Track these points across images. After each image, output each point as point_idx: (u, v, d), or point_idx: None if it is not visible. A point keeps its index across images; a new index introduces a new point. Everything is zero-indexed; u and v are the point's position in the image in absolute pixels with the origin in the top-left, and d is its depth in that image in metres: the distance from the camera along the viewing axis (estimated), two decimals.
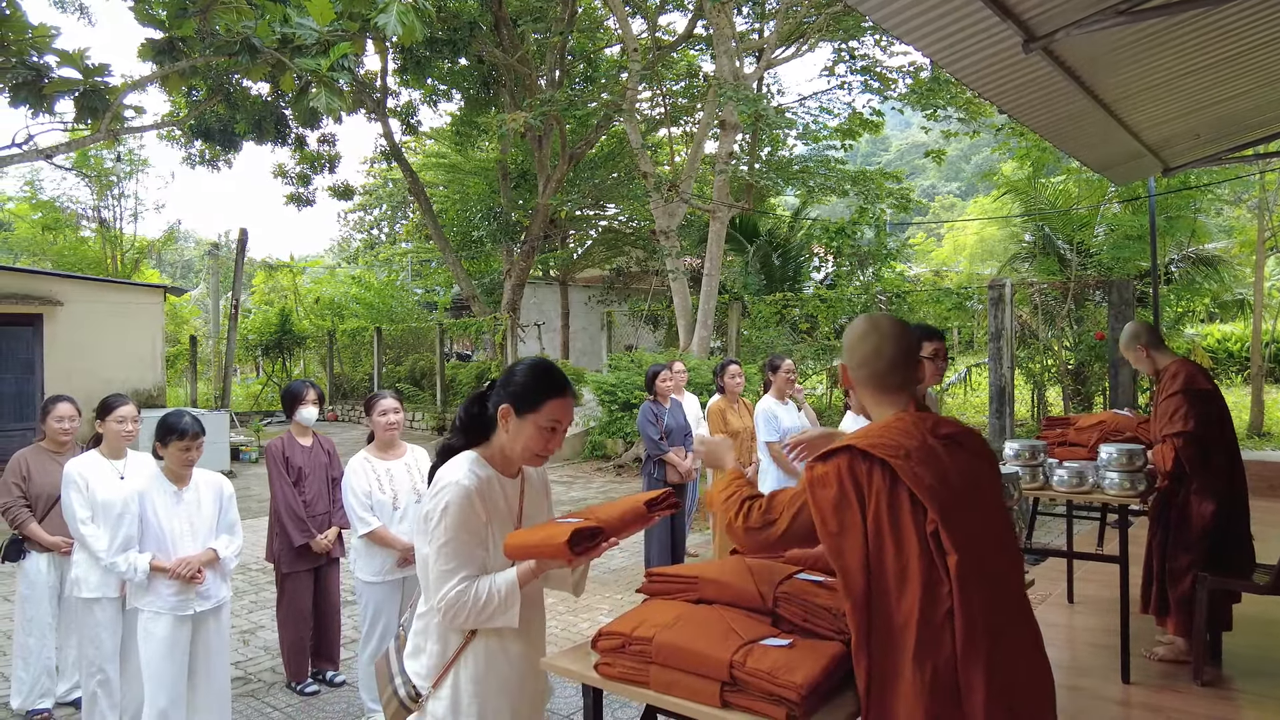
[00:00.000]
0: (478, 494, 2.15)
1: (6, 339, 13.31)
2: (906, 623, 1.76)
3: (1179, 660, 4.34)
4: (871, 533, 1.81)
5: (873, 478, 1.83)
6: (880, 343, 2.04)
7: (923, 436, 1.91)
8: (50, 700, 4.75)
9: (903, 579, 1.78)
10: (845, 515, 1.83)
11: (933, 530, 1.78)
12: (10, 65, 7.76)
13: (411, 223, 27.20)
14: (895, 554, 1.79)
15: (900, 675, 1.74)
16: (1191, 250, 14.02)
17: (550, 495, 2.49)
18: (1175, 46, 4.67)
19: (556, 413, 2.19)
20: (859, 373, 2.07)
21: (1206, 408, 4.26)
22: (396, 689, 2.25)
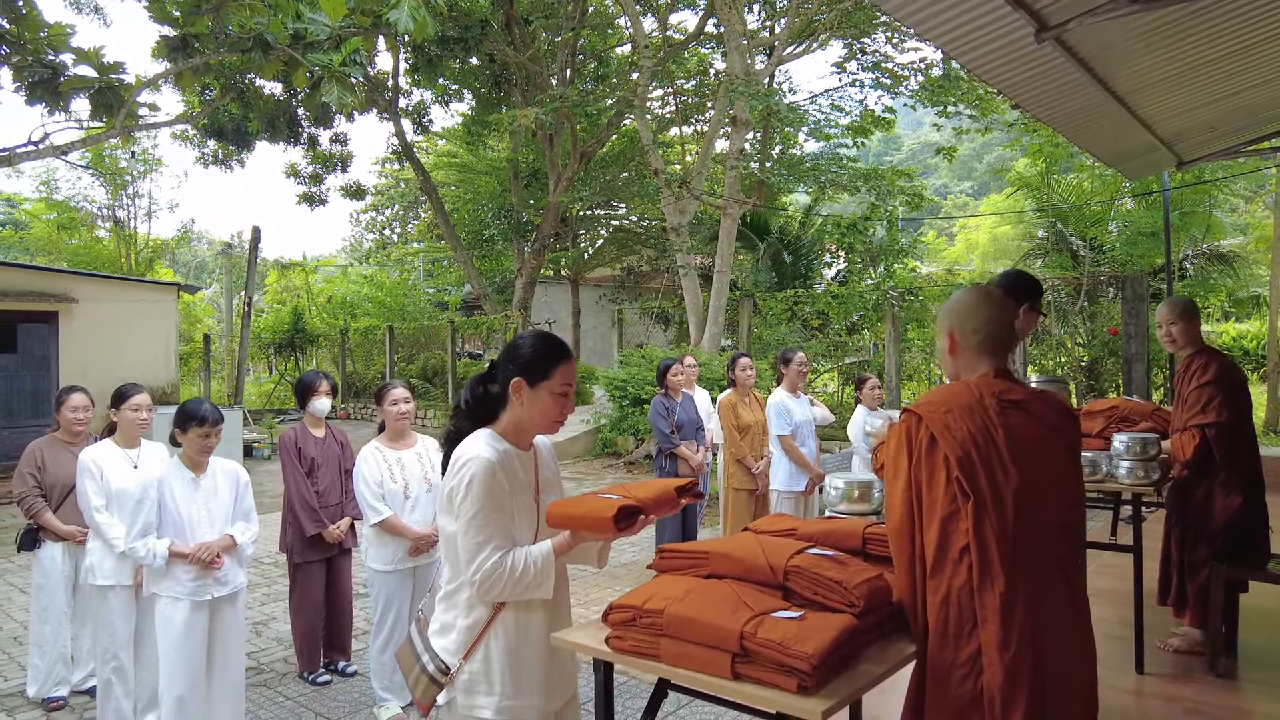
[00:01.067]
0: (499, 466, 2.19)
1: (23, 336, 13.42)
2: (928, 550, 2.04)
3: (1194, 651, 4.31)
4: (913, 475, 2.10)
5: (919, 431, 2.12)
6: (993, 315, 2.26)
7: (979, 396, 2.14)
8: (66, 688, 4.78)
9: (930, 514, 2.05)
10: (899, 461, 2.14)
11: (956, 475, 2.02)
12: (27, 63, 7.82)
13: (423, 222, 27.30)
14: (928, 492, 2.06)
15: (924, 594, 2.03)
16: (1206, 246, 13.92)
17: (558, 469, 2.55)
18: (1190, 36, 4.62)
19: (566, 376, 2.30)
20: (972, 338, 2.26)
21: (1237, 398, 4.23)
22: (424, 666, 2.26)
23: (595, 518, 2.05)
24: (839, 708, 1.68)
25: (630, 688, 4.55)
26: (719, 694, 1.82)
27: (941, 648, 1.96)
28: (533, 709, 2.22)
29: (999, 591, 1.92)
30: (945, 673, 1.95)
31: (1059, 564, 2.03)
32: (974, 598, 1.94)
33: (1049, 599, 1.97)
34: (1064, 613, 2.00)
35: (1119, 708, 3.81)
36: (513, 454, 2.28)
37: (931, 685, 1.98)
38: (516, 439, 2.32)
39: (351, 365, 22.92)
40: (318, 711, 4.53)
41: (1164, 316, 4.53)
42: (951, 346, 2.30)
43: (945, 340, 2.33)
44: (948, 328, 2.30)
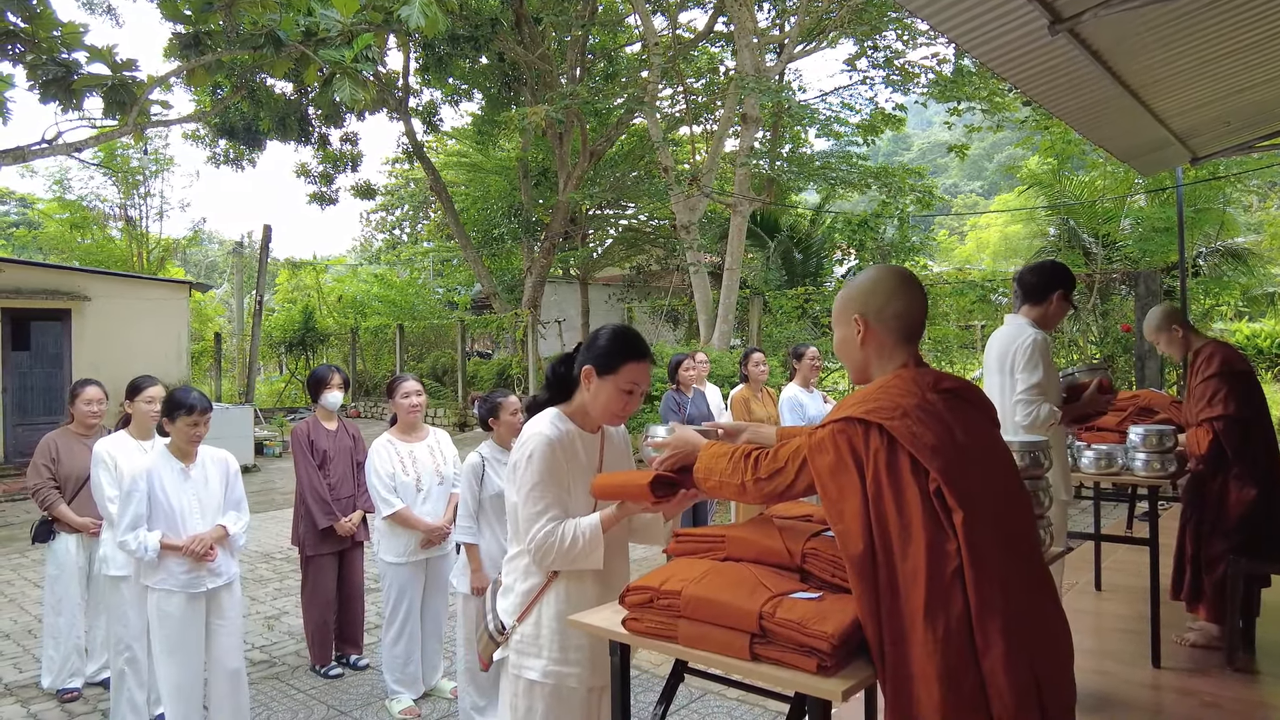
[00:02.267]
0: (559, 444, 2.33)
1: (36, 334, 13.50)
2: (914, 581, 1.72)
3: (1210, 646, 4.28)
4: (871, 495, 1.78)
5: (869, 440, 1.81)
6: (913, 299, 2.02)
7: (922, 393, 1.87)
8: (80, 680, 4.81)
9: (906, 538, 1.74)
10: (843, 479, 1.82)
11: (935, 489, 1.75)
12: (40, 62, 7.86)
13: (433, 222, 27.33)
14: (897, 514, 1.76)
15: (912, 634, 1.71)
16: (1220, 243, 13.83)
17: (631, 454, 2.62)
18: (1206, 29, 4.58)
19: (634, 375, 2.35)
20: (883, 324, 2.00)
21: (1245, 389, 4.19)
22: (487, 624, 2.46)
23: (634, 485, 2.16)
24: (859, 688, 1.67)
25: (643, 681, 4.54)
26: (737, 675, 1.81)
27: (946, 690, 1.66)
28: (577, 678, 2.30)
29: (1001, 612, 1.69)
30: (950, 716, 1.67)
31: (1033, 559, 1.86)
32: (975, 625, 1.69)
33: (1030, 597, 1.79)
34: (1050, 613, 1.84)
35: (1136, 702, 3.79)
36: (575, 434, 2.40)
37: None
38: (583, 422, 2.45)
39: (362, 364, 22.97)
40: (329, 704, 4.53)
41: (1147, 336, 4.56)
42: (864, 334, 2.01)
43: (852, 327, 2.03)
44: (856, 312, 2.02)
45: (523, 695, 2.32)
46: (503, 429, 4.15)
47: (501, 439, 4.14)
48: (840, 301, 2.10)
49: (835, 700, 1.65)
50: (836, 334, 2.11)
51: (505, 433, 4.16)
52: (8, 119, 7.75)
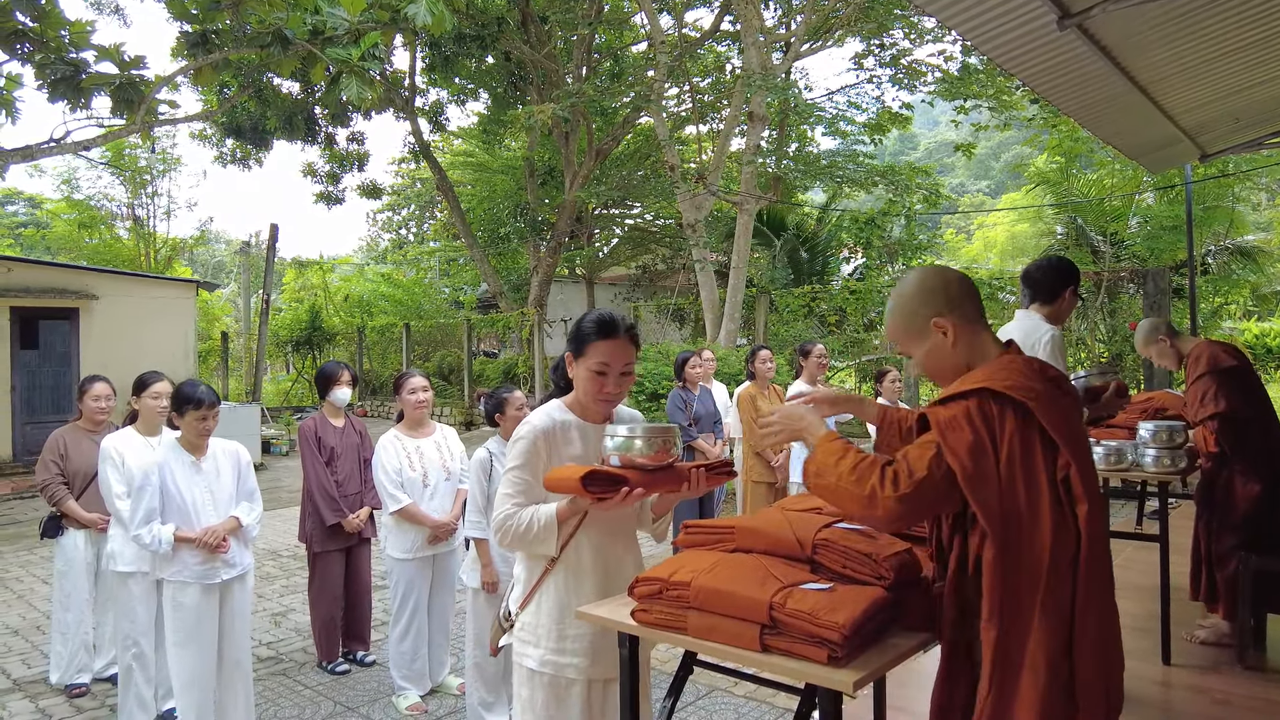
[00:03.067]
0: (547, 434, 2.35)
1: (44, 332, 13.54)
2: (1037, 568, 1.71)
3: (1221, 643, 4.25)
4: (1005, 477, 1.74)
5: (1005, 420, 1.76)
6: (955, 276, 1.99)
7: (1041, 379, 1.83)
8: (88, 675, 4.82)
9: (1035, 524, 1.72)
10: (982, 462, 1.74)
11: (1064, 476, 1.74)
12: (49, 61, 7.88)
13: (439, 222, 27.36)
14: (1027, 498, 1.73)
15: (1030, 622, 1.71)
16: (1229, 241, 13.76)
17: None
18: (1215, 24, 4.56)
19: (602, 354, 2.30)
20: (962, 311, 1.94)
21: (1235, 384, 4.18)
22: (499, 612, 2.53)
23: (569, 480, 2.09)
24: (870, 680, 1.66)
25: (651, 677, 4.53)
26: (747, 666, 1.80)
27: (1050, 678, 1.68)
28: (575, 669, 2.30)
29: (1098, 607, 1.71)
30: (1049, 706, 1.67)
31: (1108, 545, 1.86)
32: (1075, 615, 1.70)
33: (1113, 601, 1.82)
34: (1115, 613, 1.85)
35: (1146, 699, 3.76)
36: (573, 424, 2.40)
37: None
38: (582, 411, 2.44)
39: (369, 363, 23.00)
40: (337, 700, 4.53)
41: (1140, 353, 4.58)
42: (954, 334, 1.93)
43: (936, 334, 1.94)
44: (935, 317, 1.94)
45: (524, 683, 2.35)
46: (508, 424, 4.11)
47: (508, 434, 4.10)
48: (902, 322, 1.99)
49: (846, 692, 1.64)
50: (919, 353, 1.99)
51: (511, 428, 4.09)
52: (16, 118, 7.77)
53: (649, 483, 2.13)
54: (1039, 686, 1.68)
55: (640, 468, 2.14)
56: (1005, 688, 1.71)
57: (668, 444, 2.17)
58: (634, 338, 2.39)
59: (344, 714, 4.36)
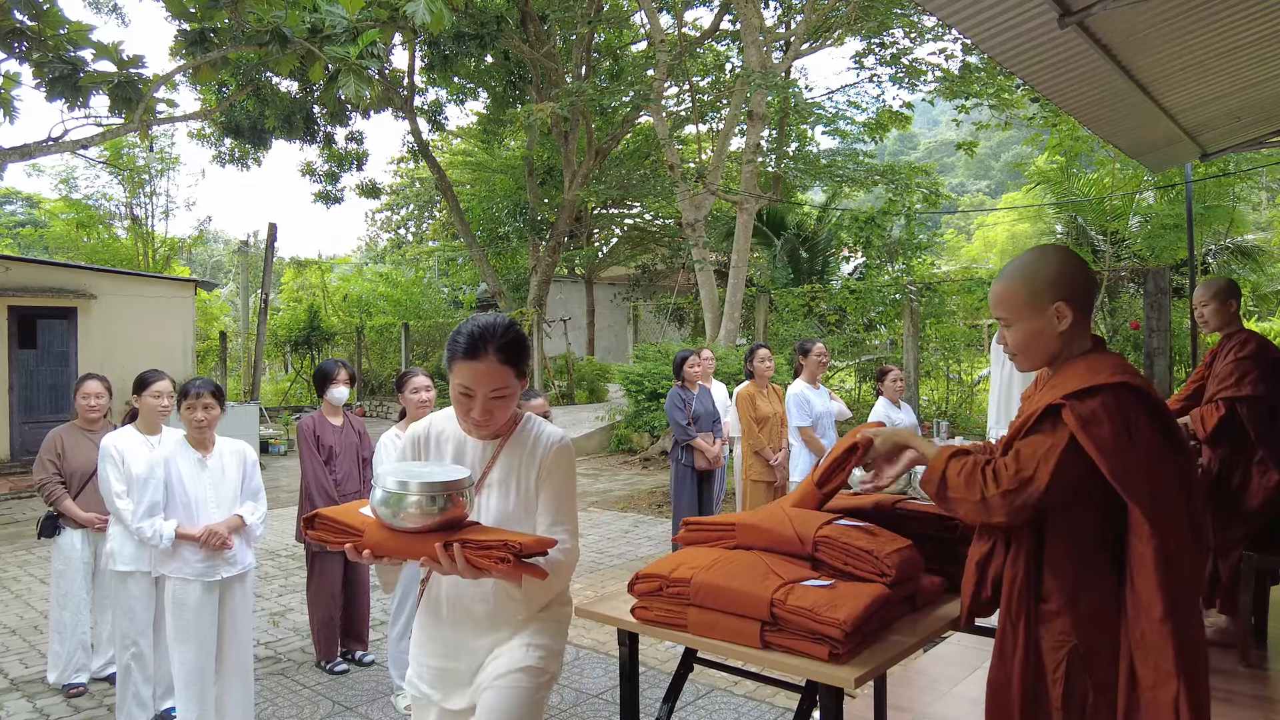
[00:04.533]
0: (415, 442, 2.18)
1: (43, 332, 13.52)
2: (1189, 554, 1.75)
3: (1222, 642, 4.23)
4: (1143, 469, 1.74)
5: (1139, 412, 1.77)
6: (1093, 277, 1.98)
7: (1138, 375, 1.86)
8: (85, 675, 4.80)
9: (1177, 514, 1.74)
10: (1130, 454, 1.73)
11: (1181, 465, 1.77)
12: (47, 60, 7.87)
13: (438, 221, 27.38)
14: (1166, 488, 1.75)
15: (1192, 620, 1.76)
16: (1229, 240, 13.76)
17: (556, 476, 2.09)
18: (1216, 22, 4.54)
19: (464, 377, 1.98)
20: (1083, 304, 1.93)
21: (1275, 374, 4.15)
22: None
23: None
24: (871, 677, 1.65)
25: (649, 677, 4.52)
26: (747, 663, 1.79)
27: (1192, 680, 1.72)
28: (428, 699, 2.20)
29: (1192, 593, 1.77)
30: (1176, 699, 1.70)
31: None
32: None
33: None
34: None
35: None
36: (451, 435, 2.16)
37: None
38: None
39: (367, 363, 23.00)
40: (335, 700, 4.52)
41: (1197, 298, 4.52)
42: (1072, 320, 1.90)
43: (1050, 316, 1.91)
44: (1060, 299, 1.90)
45: None
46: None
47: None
48: (1029, 290, 1.94)
49: (847, 689, 1.62)
50: (1025, 329, 1.94)
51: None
52: (14, 117, 7.76)
53: (392, 548, 1.84)
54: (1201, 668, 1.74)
55: (396, 528, 1.83)
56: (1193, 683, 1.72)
57: (447, 505, 1.81)
58: (513, 358, 2.02)
59: (342, 714, 4.34)
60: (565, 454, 2.10)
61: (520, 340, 2.07)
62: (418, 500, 1.78)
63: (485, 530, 1.84)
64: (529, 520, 2.03)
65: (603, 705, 4.33)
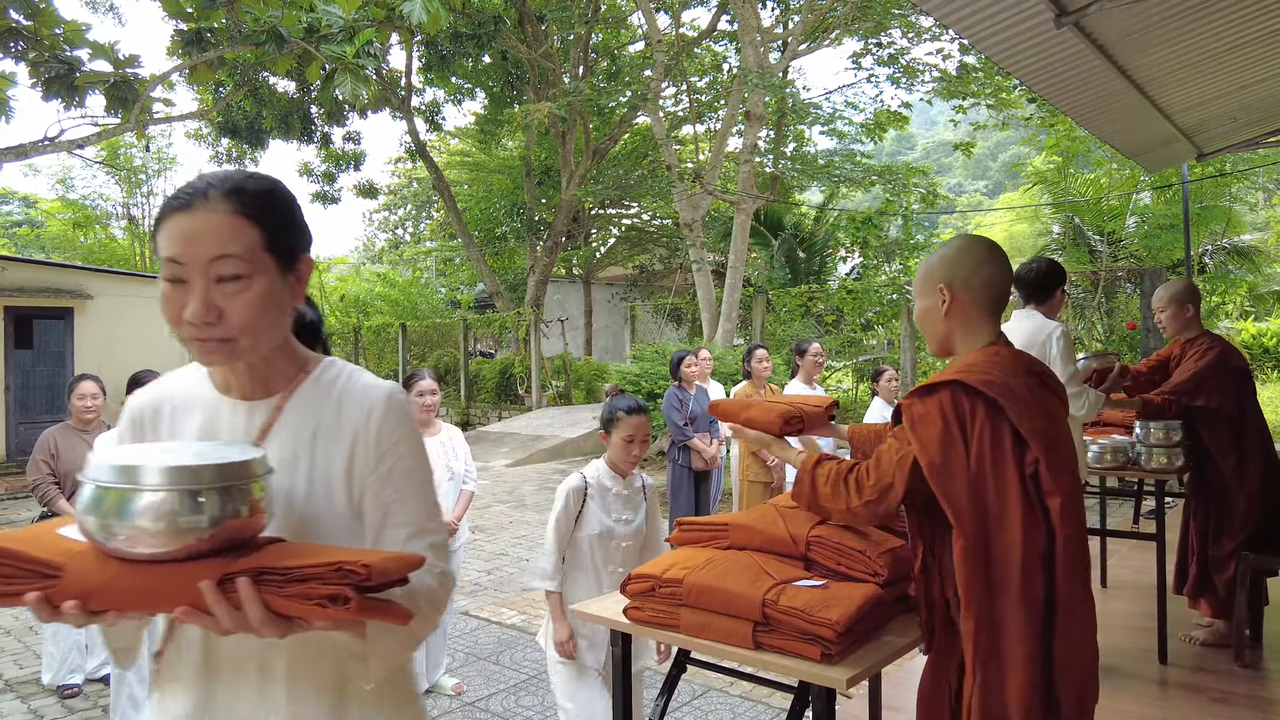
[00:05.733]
0: (132, 417, 1.37)
1: (39, 332, 13.51)
2: (1007, 563, 1.71)
3: (1219, 643, 4.23)
4: (974, 470, 1.74)
5: (976, 414, 1.76)
6: (1000, 268, 1.95)
7: (1020, 373, 1.84)
8: (80, 676, 4.78)
9: (1002, 518, 1.73)
10: (950, 454, 1.75)
11: (1033, 471, 1.74)
12: (43, 59, 7.86)
13: (436, 221, 27.35)
14: (996, 493, 1.74)
15: (1006, 616, 1.71)
16: (1226, 241, 13.77)
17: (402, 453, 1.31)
18: (1212, 22, 4.55)
19: (169, 246, 1.17)
20: (971, 293, 1.92)
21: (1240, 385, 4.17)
22: None
23: None
24: (863, 677, 1.64)
25: (645, 677, 4.51)
26: (740, 663, 1.78)
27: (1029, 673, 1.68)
28: None
29: (1075, 599, 1.72)
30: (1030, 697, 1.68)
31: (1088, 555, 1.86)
32: (1055, 609, 1.71)
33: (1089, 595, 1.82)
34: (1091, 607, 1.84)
35: (1143, 698, 3.75)
36: (216, 399, 1.30)
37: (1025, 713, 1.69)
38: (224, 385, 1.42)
39: (364, 363, 22.98)
40: None
41: (1154, 302, 4.49)
42: (949, 304, 1.93)
43: (936, 297, 1.94)
44: (942, 281, 1.93)
45: None
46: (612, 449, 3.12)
47: (614, 460, 3.12)
48: (923, 272, 2.01)
49: (839, 689, 1.62)
50: (919, 305, 2.02)
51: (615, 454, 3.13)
52: (10, 117, 7.75)
53: (119, 592, 1.04)
54: (1019, 679, 1.69)
55: (124, 554, 1.04)
56: (990, 679, 1.71)
57: (226, 509, 1.05)
58: (257, 209, 1.24)
59: None
60: (402, 416, 1.33)
61: (272, 190, 1.29)
62: (164, 501, 1.01)
63: (295, 550, 1.09)
64: (340, 528, 1.28)
65: None
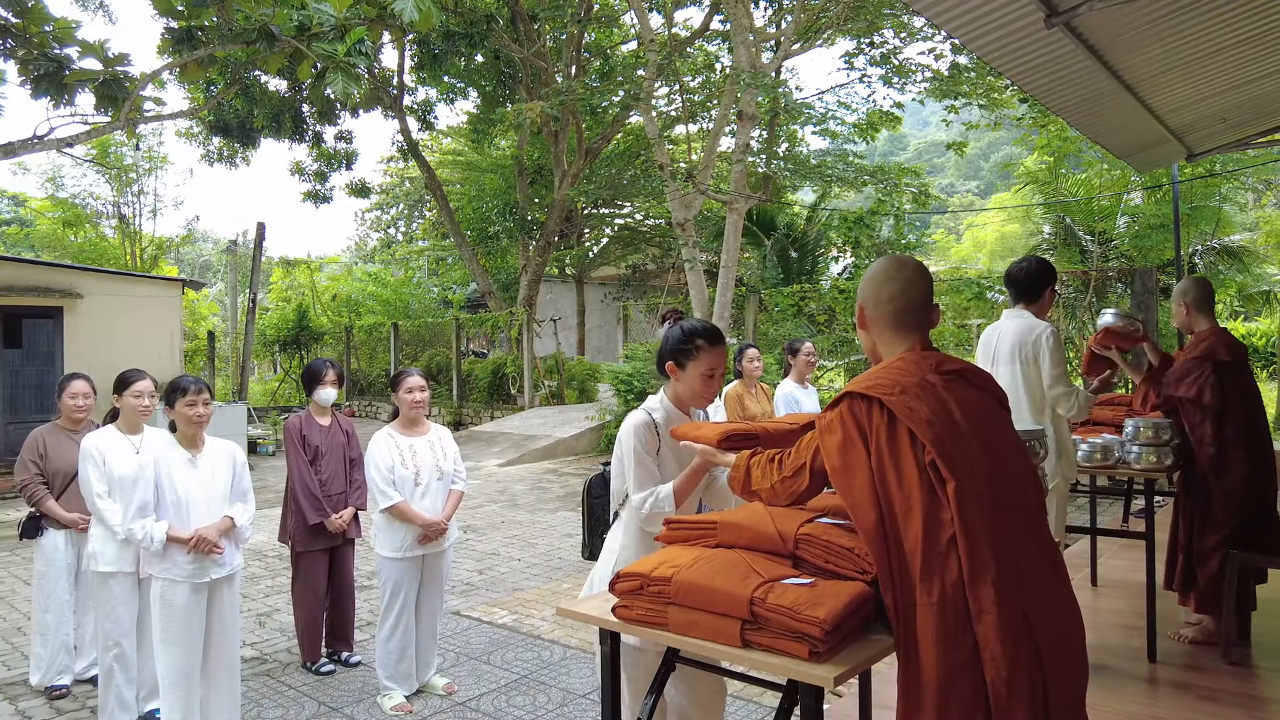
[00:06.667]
0: None
1: (28, 331, 13.43)
2: (914, 549, 1.80)
3: (1207, 641, 4.26)
4: (876, 468, 1.86)
5: (872, 416, 1.90)
6: (910, 281, 2.08)
7: (922, 373, 1.95)
8: (69, 677, 4.76)
9: (907, 509, 1.82)
10: (850, 455, 1.89)
11: (930, 460, 1.83)
12: (32, 57, 7.81)
13: (428, 221, 27.33)
14: (898, 486, 1.84)
15: (916, 599, 1.79)
16: (1216, 241, 13.83)
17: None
18: (1201, 23, 4.56)
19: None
20: (881, 310, 2.09)
21: (1225, 376, 4.20)
22: None
23: None
24: (851, 675, 1.64)
25: None
26: (728, 662, 1.78)
27: (943, 652, 1.76)
28: None
29: (992, 579, 1.76)
30: (948, 678, 1.75)
31: (1034, 532, 1.92)
32: (967, 590, 1.77)
33: (1032, 572, 1.85)
34: (1047, 582, 1.89)
35: (1132, 696, 3.76)
36: None
37: (937, 693, 1.76)
38: None
39: (356, 363, 22.92)
40: (321, 700, 4.49)
41: (1173, 303, 4.60)
42: (861, 320, 2.14)
43: (856, 314, 2.16)
44: (860, 301, 2.14)
45: None
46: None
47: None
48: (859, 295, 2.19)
49: (827, 686, 1.62)
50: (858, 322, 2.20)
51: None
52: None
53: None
54: (932, 660, 1.75)
55: None
56: (908, 663, 1.79)
57: None
58: None
59: (328, 714, 4.32)
60: None
61: None
62: None
63: None
64: None
65: (590, 705, 4.32)
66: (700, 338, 2.63)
